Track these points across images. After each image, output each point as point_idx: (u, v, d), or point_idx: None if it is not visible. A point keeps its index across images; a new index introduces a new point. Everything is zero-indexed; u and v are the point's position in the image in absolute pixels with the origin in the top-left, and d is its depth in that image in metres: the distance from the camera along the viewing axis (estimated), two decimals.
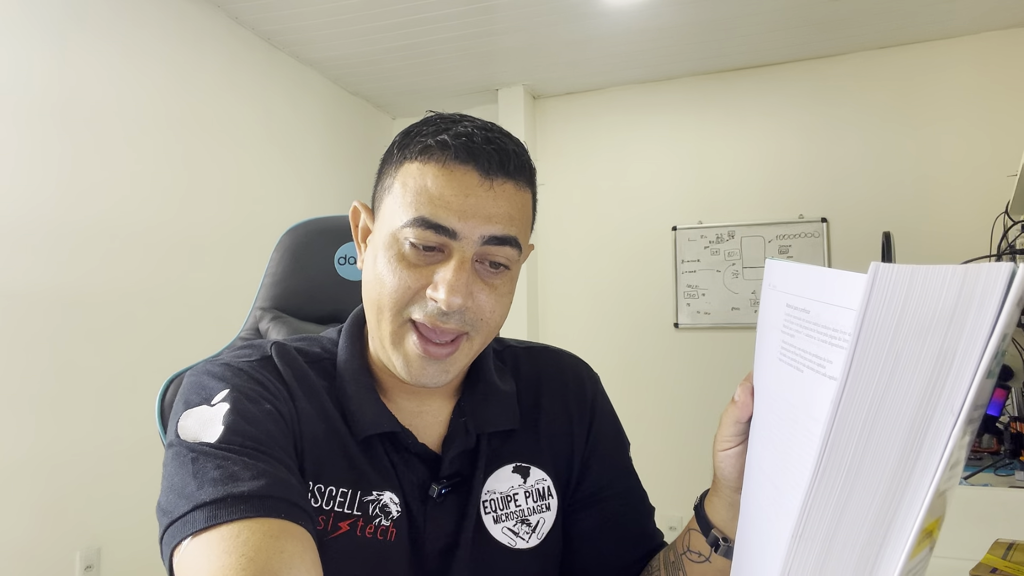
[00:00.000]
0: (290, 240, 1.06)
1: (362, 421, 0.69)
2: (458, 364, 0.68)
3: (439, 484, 0.70)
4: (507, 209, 0.66)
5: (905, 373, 0.36)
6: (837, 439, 0.37)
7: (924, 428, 0.36)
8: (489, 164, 0.65)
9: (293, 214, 3.20)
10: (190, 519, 0.54)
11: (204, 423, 0.61)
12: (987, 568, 1.06)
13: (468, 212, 0.63)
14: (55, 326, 2.23)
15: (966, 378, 0.35)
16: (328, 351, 0.75)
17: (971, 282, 0.34)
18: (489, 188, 0.64)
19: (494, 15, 3.02)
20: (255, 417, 0.62)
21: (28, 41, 2.20)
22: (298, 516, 0.56)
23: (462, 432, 0.73)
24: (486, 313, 0.67)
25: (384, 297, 0.66)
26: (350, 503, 0.67)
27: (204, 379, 0.66)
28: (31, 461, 2.14)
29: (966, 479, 1.74)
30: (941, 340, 0.35)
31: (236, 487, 0.55)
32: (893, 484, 0.37)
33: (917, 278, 0.35)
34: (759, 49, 3.45)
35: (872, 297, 0.36)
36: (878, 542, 0.37)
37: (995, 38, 3.26)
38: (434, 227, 0.63)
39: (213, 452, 0.58)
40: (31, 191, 2.18)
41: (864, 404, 0.37)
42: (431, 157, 0.65)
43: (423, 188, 0.64)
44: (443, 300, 0.63)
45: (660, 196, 3.78)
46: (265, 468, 0.58)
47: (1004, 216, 2.29)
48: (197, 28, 2.86)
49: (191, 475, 0.56)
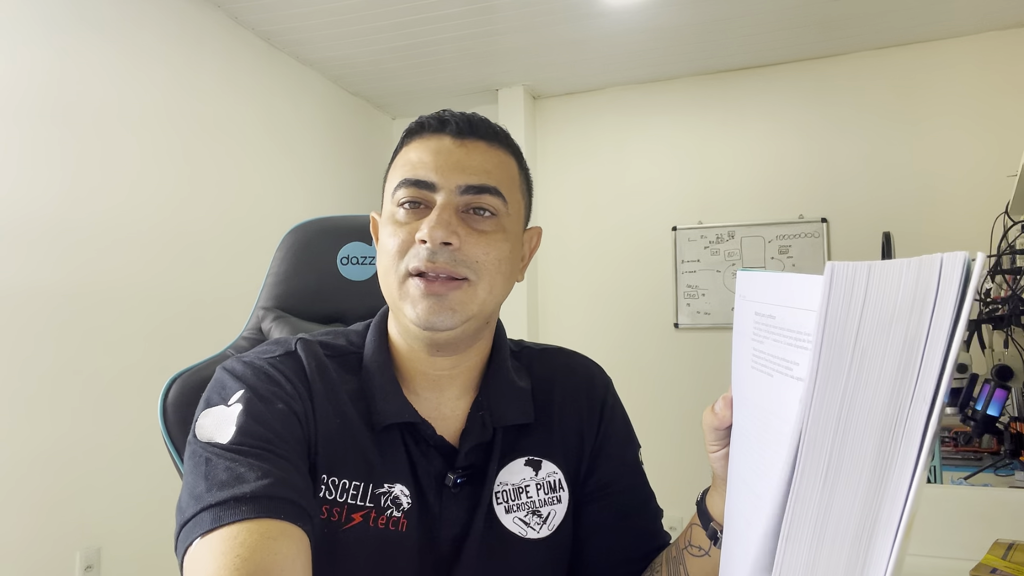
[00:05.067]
0: (293, 240, 1.06)
1: (385, 411, 0.72)
2: (466, 308, 0.70)
3: (455, 474, 0.73)
4: (481, 163, 0.72)
5: (872, 367, 0.37)
6: (812, 438, 0.38)
7: (900, 419, 0.36)
8: (459, 128, 0.73)
9: (293, 214, 3.20)
10: (199, 521, 0.58)
11: (219, 423, 0.65)
12: (987, 568, 1.07)
13: (444, 167, 0.71)
14: (55, 325, 2.23)
15: (935, 367, 0.35)
16: (354, 344, 0.78)
17: (927, 272, 0.35)
18: (461, 146, 0.73)
19: (494, 15, 3.03)
20: (266, 418, 0.66)
21: (28, 41, 2.20)
22: (297, 516, 0.59)
23: (479, 425, 0.76)
24: (480, 255, 0.70)
25: (386, 260, 0.72)
26: (363, 495, 0.70)
27: (225, 378, 0.70)
28: (31, 461, 2.14)
29: (966, 479, 1.74)
30: (904, 331, 0.36)
31: (240, 489, 0.58)
32: (875, 477, 0.37)
33: (874, 273, 0.36)
34: (759, 49, 3.45)
35: (832, 296, 0.37)
36: (867, 536, 0.38)
37: (995, 38, 3.26)
38: (415, 183, 0.71)
39: (224, 454, 0.62)
40: (31, 191, 2.18)
41: (835, 401, 0.37)
42: (412, 138, 0.75)
43: (407, 161, 0.73)
44: (426, 234, 0.68)
45: (660, 196, 3.78)
46: (270, 468, 0.61)
47: (1004, 216, 2.29)
48: (197, 28, 2.86)
49: (203, 476, 0.61)
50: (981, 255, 0.34)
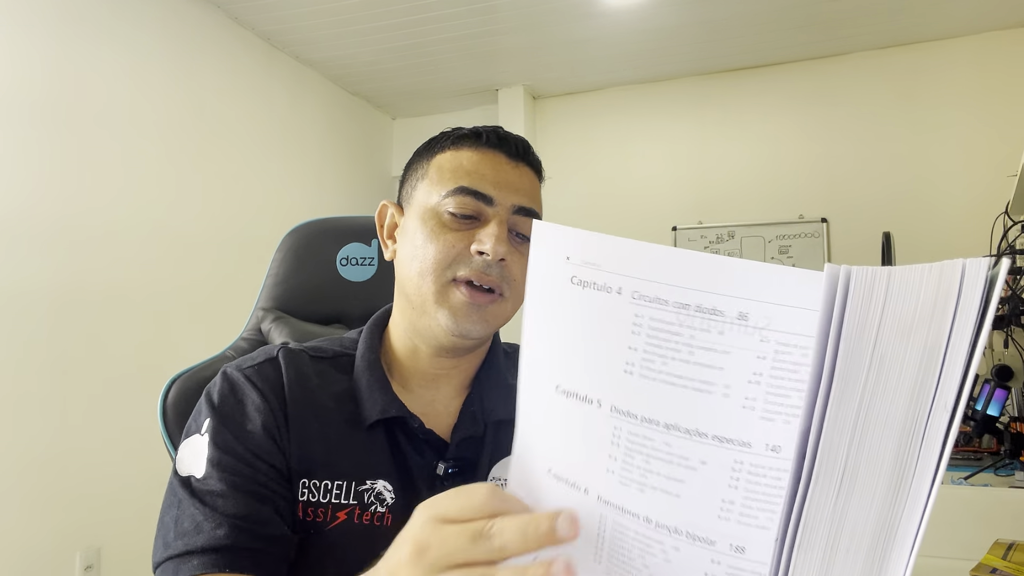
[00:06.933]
0: (292, 240, 1.06)
1: (372, 408, 0.74)
2: (496, 321, 0.74)
3: (447, 463, 0.75)
4: (530, 188, 0.76)
5: (891, 373, 0.36)
6: (828, 444, 0.37)
7: (919, 427, 0.36)
8: (515, 150, 0.76)
9: (293, 214, 3.20)
10: (164, 570, 0.65)
11: (195, 455, 0.69)
12: (987, 568, 1.07)
13: (501, 184, 0.73)
14: (56, 325, 2.23)
15: (957, 374, 0.35)
16: (347, 348, 0.80)
17: (948, 278, 0.34)
18: (515, 168, 0.75)
19: (494, 15, 3.03)
20: (231, 446, 0.69)
21: (28, 41, 2.20)
22: (250, 562, 0.65)
23: (470, 419, 0.78)
24: (517, 275, 0.73)
25: (428, 262, 0.72)
26: (346, 493, 0.71)
27: (203, 401, 0.73)
28: (31, 461, 2.14)
29: (966, 479, 1.74)
30: (924, 338, 0.35)
31: (195, 541, 0.64)
32: (892, 485, 0.36)
33: (894, 278, 0.35)
34: (759, 49, 3.45)
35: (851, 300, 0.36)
36: (883, 545, 0.37)
37: (995, 38, 3.26)
38: (473, 194, 0.72)
39: (190, 499, 0.67)
40: (31, 191, 2.18)
41: (852, 408, 0.36)
42: (464, 144, 0.76)
43: (459, 166, 0.74)
44: (489, 248, 0.70)
45: (660, 196, 3.78)
46: (232, 511, 0.66)
47: (1004, 216, 2.29)
48: (197, 28, 2.86)
49: (173, 520, 0.66)
50: (1006, 260, 0.34)
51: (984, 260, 0.34)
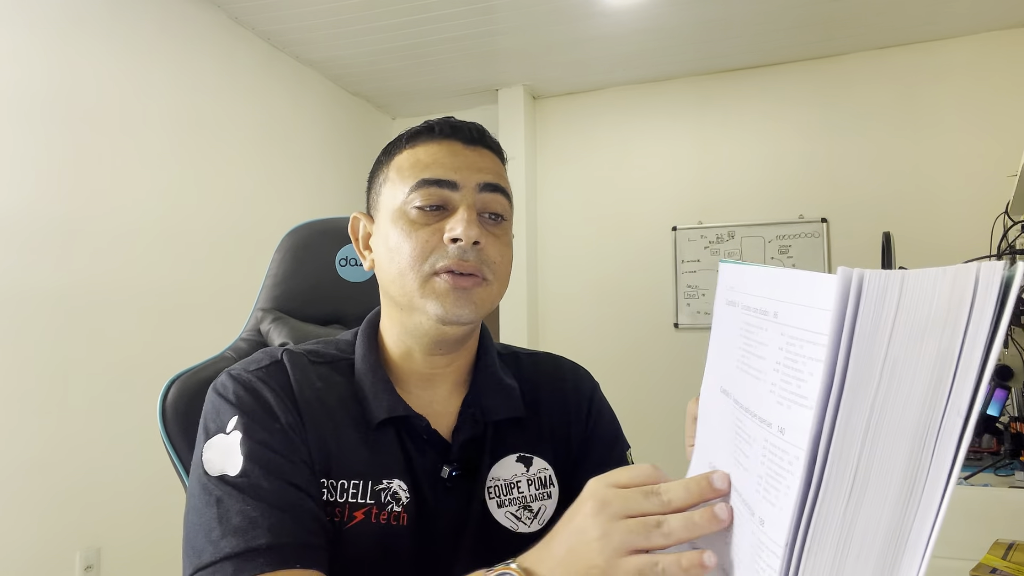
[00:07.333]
0: (291, 241, 1.06)
1: (378, 408, 0.74)
2: (484, 305, 0.74)
3: (450, 467, 0.75)
4: (492, 166, 0.76)
5: (904, 378, 0.36)
6: (839, 447, 0.37)
7: (932, 431, 0.36)
8: (470, 135, 0.76)
9: (293, 214, 3.20)
10: (220, 569, 0.61)
11: (225, 454, 0.67)
12: (987, 568, 1.07)
13: (461, 167, 0.73)
14: (55, 325, 2.23)
15: (971, 379, 0.35)
16: (344, 351, 0.80)
17: (962, 283, 0.34)
18: (473, 151, 0.76)
19: (494, 15, 3.03)
20: (267, 439, 0.68)
21: (28, 41, 2.20)
22: (309, 558, 0.63)
23: (470, 420, 0.78)
24: (496, 257, 0.74)
25: (405, 260, 0.72)
26: (363, 492, 0.72)
27: (219, 402, 0.72)
28: (31, 461, 2.14)
29: (966, 479, 1.74)
30: (937, 343, 0.35)
31: (255, 539, 0.62)
32: (904, 489, 0.36)
33: (908, 282, 0.35)
34: (759, 49, 3.45)
35: (863, 304, 0.35)
36: (895, 548, 0.37)
37: (995, 38, 3.26)
38: (435, 183, 0.72)
39: (234, 493, 0.64)
40: (31, 190, 2.18)
41: (864, 411, 0.36)
42: (419, 140, 0.76)
43: (418, 161, 0.74)
44: (461, 232, 0.70)
45: (660, 196, 3.78)
46: (282, 505, 0.64)
47: (1004, 216, 2.29)
48: (197, 28, 2.86)
49: (216, 518, 0.63)
50: (1021, 264, 0.33)
51: (998, 264, 0.34)
